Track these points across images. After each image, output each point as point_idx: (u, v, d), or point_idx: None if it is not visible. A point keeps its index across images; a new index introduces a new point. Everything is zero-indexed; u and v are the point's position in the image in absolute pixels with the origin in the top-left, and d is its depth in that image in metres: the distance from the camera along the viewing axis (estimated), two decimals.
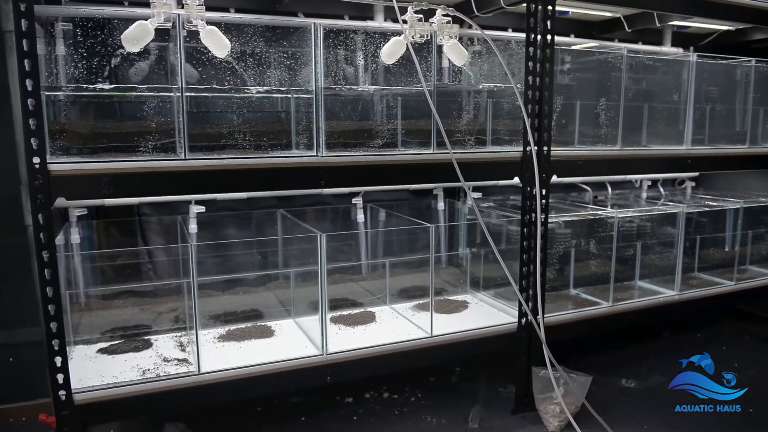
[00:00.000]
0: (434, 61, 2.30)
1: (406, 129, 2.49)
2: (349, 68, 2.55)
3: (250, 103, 2.28)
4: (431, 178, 2.42)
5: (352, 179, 2.20)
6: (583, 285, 2.95)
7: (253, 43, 2.19)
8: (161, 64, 2.33)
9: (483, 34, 2.18)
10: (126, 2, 2.39)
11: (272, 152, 2.24)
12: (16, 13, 1.70)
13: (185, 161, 1.95)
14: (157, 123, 2.11)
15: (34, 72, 1.72)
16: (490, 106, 2.65)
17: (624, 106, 2.74)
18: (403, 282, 2.92)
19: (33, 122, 1.74)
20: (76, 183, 1.83)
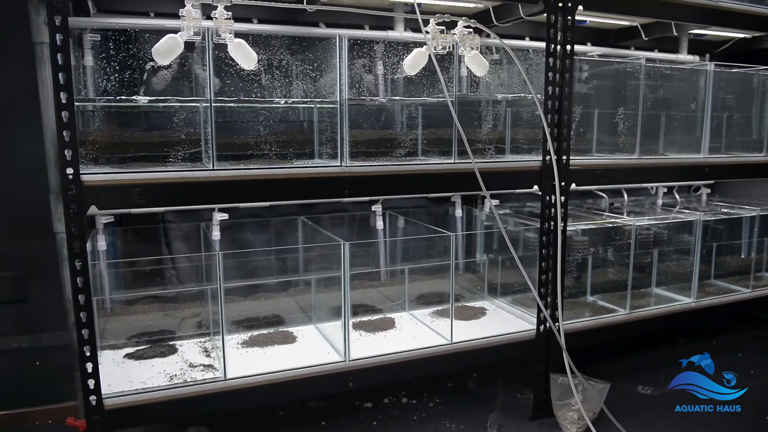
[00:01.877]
0: (456, 73, 2.33)
1: (426, 138, 2.53)
2: (371, 78, 2.58)
3: (274, 114, 2.32)
4: (453, 187, 2.45)
5: (376, 189, 2.24)
6: (600, 292, 2.97)
7: (277, 53, 2.23)
8: (185, 72, 2.37)
9: (504, 45, 2.21)
10: (152, 14, 2.43)
11: (296, 162, 2.28)
12: (51, 28, 1.75)
13: (213, 172, 1.98)
14: (185, 133, 2.16)
15: (68, 85, 1.77)
16: (509, 115, 2.68)
17: (642, 115, 2.76)
18: (421, 288, 2.95)
19: (67, 134, 1.78)
20: (108, 193, 1.87)
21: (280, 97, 2.30)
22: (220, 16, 1.93)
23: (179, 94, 2.34)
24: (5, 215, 2.51)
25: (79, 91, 2.19)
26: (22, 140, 2.49)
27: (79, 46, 2.25)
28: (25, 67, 2.23)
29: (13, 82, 2.40)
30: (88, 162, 2.11)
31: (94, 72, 2.25)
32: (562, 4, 2.37)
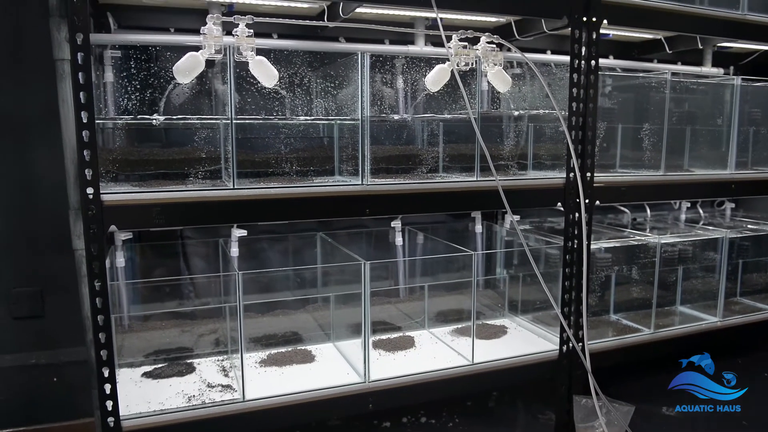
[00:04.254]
0: (478, 89, 2.30)
1: (448, 153, 2.49)
2: (391, 91, 2.55)
3: (294, 130, 2.29)
4: (475, 205, 2.41)
5: (397, 207, 2.20)
6: (624, 310, 2.91)
7: (297, 69, 2.20)
8: (205, 87, 2.35)
9: (528, 61, 2.17)
10: (172, 29, 2.42)
11: (316, 179, 2.25)
12: (73, 46, 1.74)
13: (233, 191, 1.96)
14: (205, 150, 2.14)
15: (90, 104, 1.75)
16: (531, 130, 2.64)
17: (667, 130, 2.71)
18: (440, 304, 2.91)
19: (87, 153, 1.77)
20: (128, 213, 1.85)
21: (299, 114, 2.28)
22: (241, 33, 1.91)
23: (199, 110, 2.32)
24: (24, 230, 2.51)
25: (100, 110, 2.18)
26: (42, 156, 2.48)
27: (99, 63, 2.24)
28: (45, 84, 2.23)
29: (34, 99, 2.39)
30: (108, 180, 2.10)
31: (114, 88, 2.24)
32: (587, 18, 2.33)
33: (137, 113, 2.16)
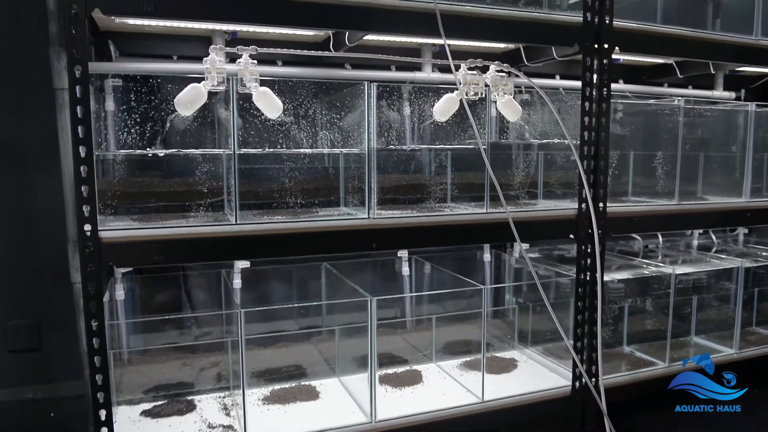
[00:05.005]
0: (488, 120, 2.24)
1: (457, 182, 2.43)
2: (397, 120, 2.50)
3: (299, 160, 2.23)
4: (485, 237, 2.35)
5: (405, 241, 2.14)
6: (637, 342, 2.83)
7: (302, 98, 2.15)
8: (207, 116, 2.30)
9: (539, 90, 2.11)
10: (175, 57, 2.38)
11: (321, 211, 2.19)
12: (72, 79, 1.69)
13: (236, 226, 1.90)
14: (207, 182, 2.08)
15: (88, 139, 1.70)
16: (542, 158, 2.58)
17: (680, 156, 2.65)
18: (447, 335, 2.83)
19: (85, 189, 1.71)
20: (127, 250, 1.79)
21: (304, 142, 2.22)
22: (245, 64, 1.86)
23: (202, 138, 2.27)
24: (22, 262, 2.44)
25: (99, 143, 2.12)
26: (42, 184, 2.42)
27: (100, 91, 2.19)
28: (45, 113, 2.18)
29: (34, 128, 2.33)
30: (108, 212, 2.05)
31: (116, 117, 2.19)
32: (598, 45, 2.27)
33: (139, 143, 2.11)
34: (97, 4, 1.70)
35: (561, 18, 2.25)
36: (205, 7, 1.81)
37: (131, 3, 1.73)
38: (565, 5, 2.51)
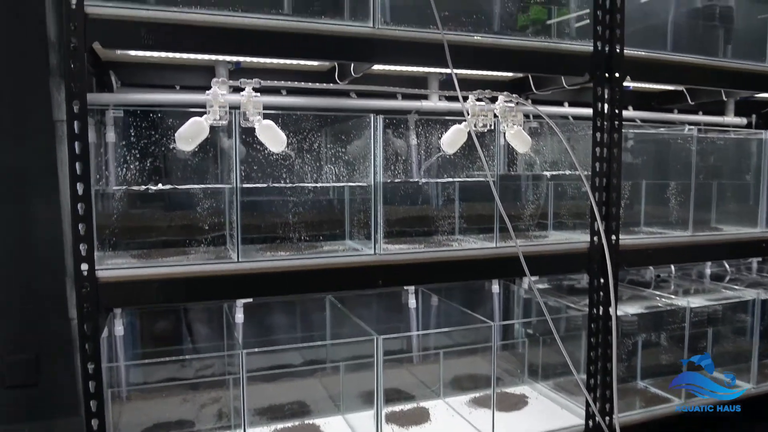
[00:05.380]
0: (497, 151, 2.18)
1: (465, 214, 2.37)
2: (404, 148, 2.44)
3: (302, 193, 2.17)
4: (494, 273, 2.28)
5: (412, 278, 2.08)
6: (651, 376, 2.74)
7: (306, 132, 2.10)
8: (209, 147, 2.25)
9: (550, 122, 2.05)
10: (177, 86, 2.34)
11: (326, 245, 2.14)
12: (70, 115, 1.64)
13: (238, 264, 1.84)
14: (209, 216, 2.03)
15: (86, 176, 1.65)
16: (552, 188, 2.52)
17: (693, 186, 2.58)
18: (455, 368, 2.74)
19: (82, 227, 1.66)
20: (125, 290, 1.73)
21: (309, 175, 2.16)
22: (247, 98, 1.81)
23: (204, 170, 2.21)
24: (19, 295, 2.39)
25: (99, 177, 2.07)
26: (41, 215, 2.37)
27: (101, 122, 2.15)
28: (45, 144, 2.14)
29: (33, 159, 2.29)
30: (107, 248, 1.99)
31: (116, 149, 2.14)
32: (609, 75, 2.22)
33: (139, 176, 2.05)
34: (97, 37, 1.66)
35: (571, 47, 2.21)
36: (206, 40, 1.76)
37: (131, 36, 1.69)
38: (574, 32, 2.47)
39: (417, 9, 2.07)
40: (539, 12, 2.35)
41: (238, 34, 1.77)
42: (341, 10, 1.99)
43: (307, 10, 1.98)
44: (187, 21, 1.73)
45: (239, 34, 1.78)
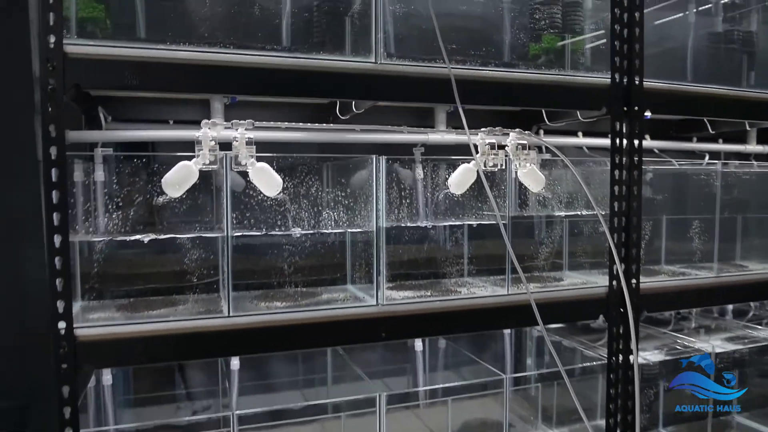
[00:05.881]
0: (509, 192, 2.04)
1: (474, 254, 2.23)
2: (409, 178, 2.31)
3: (299, 242, 2.03)
4: (506, 322, 2.13)
5: (417, 329, 1.94)
6: (673, 423, 2.58)
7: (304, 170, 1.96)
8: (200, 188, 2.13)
9: (565, 159, 1.91)
10: (171, 121, 2.22)
11: (325, 292, 2.00)
12: (47, 162, 1.53)
13: (229, 319, 1.70)
14: (199, 265, 1.90)
15: (64, 227, 1.54)
16: (567, 226, 2.37)
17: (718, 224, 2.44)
18: (465, 411, 2.58)
19: (60, 283, 1.55)
20: (106, 350, 1.61)
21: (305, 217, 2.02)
22: (240, 140, 1.69)
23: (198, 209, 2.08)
24: (8, 340, 2.27)
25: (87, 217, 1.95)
26: (28, 260, 2.26)
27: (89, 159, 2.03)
28: (32, 186, 2.02)
29: (21, 201, 2.18)
30: (90, 296, 1.87)
31: (105, 189, 2.02)
32: (628, 108, 2.09)
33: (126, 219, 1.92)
34: (77, 78, 1.54)
35: (587, 80, 2.08)
36: (195, 79, 1.64)
37: (114, 76, 1.57)
38: (589, 61, 2.33)
39: (422, 41, 1.96)
40: (552, 41, 2.23)
41: (229, 73, 1.65)
42: (341, 44, 1.87)
43: (305, 44, 1.86)
44: (174, 59, 1.61)
45: (231, 72, 1.66)
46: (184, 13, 1.77)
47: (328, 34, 1.93)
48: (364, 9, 1.91)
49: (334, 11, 1.93)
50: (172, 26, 1.76)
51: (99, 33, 1.70)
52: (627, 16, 2.07)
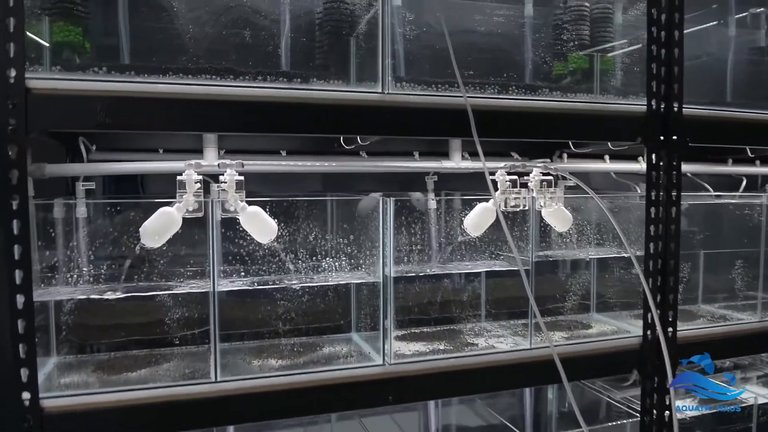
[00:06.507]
0: (532, 235, 1.83)
1: (492, 297, 2.03)
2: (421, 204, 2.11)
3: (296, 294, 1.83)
4: (527, 380, 1.91)
5: (428, 391, 1.73)
6: None
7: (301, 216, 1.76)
8: None
9: (598, 199, 1.70)
10: (161, 150, 2.03)
11: (327, 342, 1.81)
12: (6, 212, 1.34)
13: (216, 385, 1.51)
14: (183, 315, 1.71)
15: (27, 286, 1.34)
16: (594, 266, 2.16)
17: (763, 261, 2.21)
18: None
19: (23, 349, 1.35)
20: (77, 423, 1.42)
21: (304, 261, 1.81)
22: (229, 183, 1.49)
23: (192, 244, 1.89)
24: None
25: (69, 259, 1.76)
26: None
27: (72, 193, 1.85)
28: None
29: None
30: (64, 350, 1.69)
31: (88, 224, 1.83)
32: (665, 138, 1.87)
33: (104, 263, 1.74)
34: (41, 117, 1.35)
35: (619, 108, 1.86)
36: (179, 115, 1.45)
37: (84, 116, 1.38)
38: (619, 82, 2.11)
39: (433, 66, 1.76)
40: (579, 61, 2.01)
41: (216, 108, 1.46)
42: (345, 68, 1.67)
43: (304, 69, 1.67)
44: (155, 93, 1.42)
45: (218, 107, 1.46)
46: (168, 38, 1.58)
47: (330, 57, 1.74)
48: (369, 30, 1.71)
49: (337, 31, 1.74)
50: (155, 53, 1.57)
51: (78, 59, 1.52)
52: (665, 35, 1.85)
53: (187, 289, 1.61)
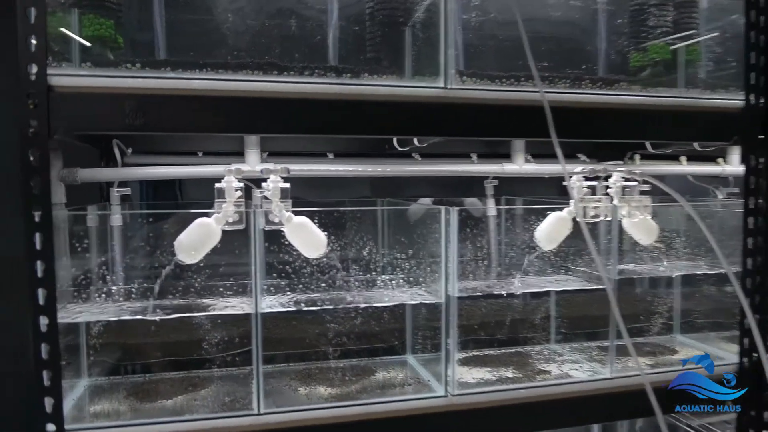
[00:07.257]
0: (615, 246, 1.61)
1: (564, 315, 1.82)
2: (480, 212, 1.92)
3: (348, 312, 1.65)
4: (610, 413, 1.68)
5: (495, 426, 1.52)
6: None
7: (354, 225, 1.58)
8: None
9: (696, 216, 1.47)
10: (200, 153, 1.89)
11: (380, 365, 1.63)
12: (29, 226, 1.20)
13: (260, 417, 1.35)
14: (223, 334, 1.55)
15: (51, 306, 1.20)
16: (679, 282, 1.92)
17: None
18: None
19: (47, 376, 1.21)
20: None
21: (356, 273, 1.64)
22: (273, 190, 1.33)
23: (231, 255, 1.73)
24: None
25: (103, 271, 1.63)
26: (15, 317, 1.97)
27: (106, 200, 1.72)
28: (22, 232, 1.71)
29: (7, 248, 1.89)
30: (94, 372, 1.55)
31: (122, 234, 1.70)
32: (766, 137, 1.63)
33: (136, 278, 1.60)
34: (65, 118, 1.21)
35: (711, 104, 1.63)
36: (214, 116, 1.29)
37: (114, 117, 1.23)
38: (704, 73, 1.88)
39: (499, 57, 1.57)
40: (661, 51, 1.79)
41: (258, 105, 1.30)
42: (400, 66, 1.49)
43: (354, 67, 1.49)
44: (190, 90, 1.27)
45: (260, 104, 1.30)
46: (206, 30, 1.43)
47: (383, 49, 1.56)
48: (428, 17, 1.53)
49: (392, 20, 1.56)
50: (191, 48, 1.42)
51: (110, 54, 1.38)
52: (764, 20, 1.61)
53: (229, 310, 1.44)
